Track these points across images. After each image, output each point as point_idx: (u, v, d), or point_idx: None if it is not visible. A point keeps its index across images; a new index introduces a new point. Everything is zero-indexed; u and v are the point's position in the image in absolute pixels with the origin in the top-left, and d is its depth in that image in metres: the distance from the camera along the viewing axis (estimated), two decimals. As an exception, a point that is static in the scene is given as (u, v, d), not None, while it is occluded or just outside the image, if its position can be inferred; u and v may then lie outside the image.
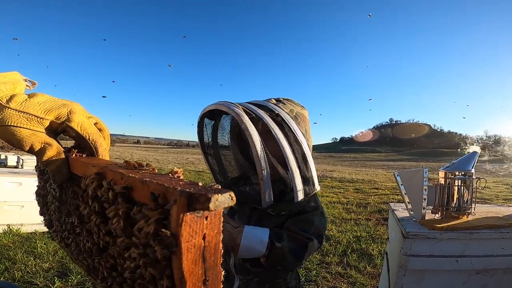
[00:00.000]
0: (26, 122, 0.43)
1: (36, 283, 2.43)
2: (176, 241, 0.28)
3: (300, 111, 1.06)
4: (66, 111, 0.46)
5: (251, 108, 0.93)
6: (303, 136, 0.98)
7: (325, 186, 9.13)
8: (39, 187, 0.64)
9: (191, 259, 0.29)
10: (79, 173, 0.47)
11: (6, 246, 3.14)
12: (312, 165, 0.99)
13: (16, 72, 0.48)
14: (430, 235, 1.27)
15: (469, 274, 1.32)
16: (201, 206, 0.27)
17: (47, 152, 0.46)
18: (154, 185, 0.32)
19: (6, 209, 3.59)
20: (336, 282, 2.75)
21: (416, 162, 40.45)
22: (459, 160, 1.48)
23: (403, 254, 1.30)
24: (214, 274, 0.33)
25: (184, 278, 0.29)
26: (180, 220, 0.27)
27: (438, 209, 1.45)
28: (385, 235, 4.01)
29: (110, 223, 0.39)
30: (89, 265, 0.52)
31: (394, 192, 7.64)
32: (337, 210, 5.68)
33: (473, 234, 1.27)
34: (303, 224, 0.98)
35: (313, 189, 0.98)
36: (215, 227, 0.31)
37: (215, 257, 0.32)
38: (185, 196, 0.27)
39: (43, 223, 0.68)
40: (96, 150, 0.49)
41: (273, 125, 0.91)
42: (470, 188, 1.42)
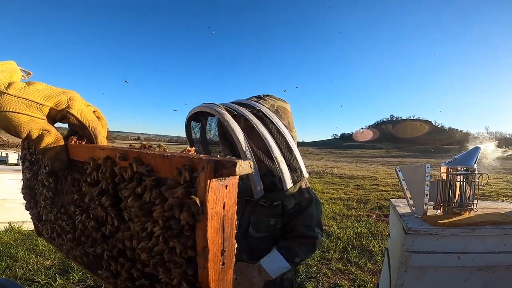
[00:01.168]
0: (25, 108, 0.42)
1: (37, 280, 2.44)
2: (203, 208, 0.30)
3: (281, 105, 1.11)
4: (66, 98, 0.46)
5: (232, 107, 0.99)
6: (285, 128, 1.04)
7: (326, 182, 9.14)
8: (27, 179, 0.63)
9: (214, 227, 0.31)
10: (82, 159, 0.46)
11: (8, 244, 3.15)
12: (298, 154, 1.04)
13: (12, 61, 0.47)
14: (432, 231, 1.26)
15: (471, 270, 1.32)
16: (228, 171, 0.29)
17: (45, 139, 0.45)
18: (177, 158, 0.33)
19: (7, 206, 3.60)
20: (336, 278, 2.75)
21: (416, 159, 40.46)
22: (461, 156, 1.47)
23: (405, 251, 1.29)
24: (230, 246, 0.34)
25: (207, 247, 0.31)
26: (207, 186, 0.29)
27: (440, 205, 1.44)
28: (385, 232, 4.01)
29: (125, 204, 0.39)
30: (88, 256, 0.51)
31: (394, 188, 7.65)
32: (338, 207, 5.68)
33: (475, 230, 1.26)
34: (307, 220, 1.08)
35: (301, 177, 1.04)
36: (232, 197, 0.33)
37: (231, 228, 0.34)
38: (212, 163, 0.29)
39: (31, 217, 0.67)
40: (96, 137, 0.48)
41: (255, 119, 0.97)
42: (472, 184, 1.41)
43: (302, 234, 1.07)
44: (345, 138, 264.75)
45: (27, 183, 0.63)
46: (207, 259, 0.31)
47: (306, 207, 1.09)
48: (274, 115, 1.03)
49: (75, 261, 0.56)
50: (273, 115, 1.03)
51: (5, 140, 27.38)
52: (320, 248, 3.44)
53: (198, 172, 0.30)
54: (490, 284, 1.33)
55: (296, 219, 1.08)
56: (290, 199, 1.06)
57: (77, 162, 0.48)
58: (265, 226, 1.07)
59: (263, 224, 1.07)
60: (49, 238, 0.61)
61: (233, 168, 0.29)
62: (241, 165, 0.30)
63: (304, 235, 1.07)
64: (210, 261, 0.32)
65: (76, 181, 0.48)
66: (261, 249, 1.08)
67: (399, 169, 1.50)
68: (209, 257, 0.31)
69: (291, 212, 1.08)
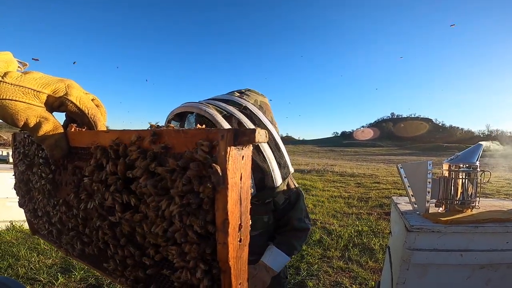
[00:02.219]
0: (22, 95, 0.42)
1: (39, 279, 2.45)
2: (224, 177, 0.30)
3: (262, 100, 1.10)
4: (64, 86, 0.45)
5: (221, 106, 0.97)
6: (271, 124, 1.04)
7: (326, 180, 9.13)
8: (21, 172, 0.61)
9: (234, 199, 0.31)
10: (84, 145, 0.46)
11: (9, 243, 3.16)
12: (284, 150, 1.06)
13: (8, 52, 0.47)
14: (434, 228, 1.26)
15: (473, 268, 1.31)
16: (247, 138, 0.29)
17: (43, 127, 0.44)
18: (193, 131, 0.33)
19: (8, 205, 3.61)
20: (337, 276, 2.76)
21: (417, 157, 40.41)
22: (464, 153, 1.46)
23: (407, 248, 1.29)
24: (246, 221, 0.34)
25: (227, 220, 0.31)
26: (228, 155, 0.29)
27: (442, 202, 1.44)
28: (386, 230, 4.01)
29: (136, 184, 0.38)
30: (91, 250, 0.50)
31: (395, 186, 7.64)
32: (339, 204, 5.68)
33: (478, 228, 1.25)
34: (298, 214, 1.13)
35: (288, 172, 1.06)
36: (247, 169, 0.33)
37: (247, 202, 0.33)
38: (231, 131, 0.29)
39: (26, 215, 0.65)
40: (96, 124, 0.48)
41: (245, 119, 0.96)
42: (475, 181, 1.40)
43: (297, 228, 1.12)
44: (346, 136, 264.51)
45: (21, 177, 0.62)
46: (227, 233, 0.31)
47: (296, 201, 1.13)
48: (260, 112, 1.02)
49: (74, 256, 0.54)
50: (259, 111, 1.02)
51: (6, 139, 27.41)
52: (320, 246, 3.45)
53: (217, 141, 0.30)
54: (492, 282, 1.32)
55: (288, 214, 1.12)
56: (280, 195, 1.09)
57: (78, 149, 0.48)
58: (260, 224, 1.09)
59: (258, 222, 1.09)
60: (46, 234, 0.60)
61: (253, 135, 0.29)
62: (259, 133, 0.30)
63: (298, 228, 1.12)
64: (230, 236, 0.31)
65: (78, 169, 0.48)
66: (257, 245, 1.10)
67: (401, 167, 1.49)
68: (229, 231, 0.31)
69: (282, 208, 1.11)
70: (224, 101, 1.00)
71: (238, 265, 0.33)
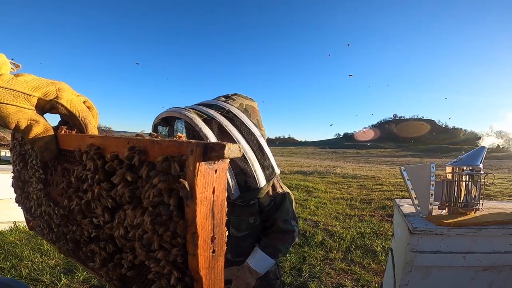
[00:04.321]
0: (12, 98, 0.43)
1: (42, 280, 2.46)
2: (192, 192, 0.30)
3: (249, 104, 1.12)
4: (54, 89, 0.46)
5: (202, 110, 0.99)
6: (255, 127, 1.05)
7: (329, 182, 9.12)
8: (18, 171, 0.63)
9: (204, 213, 0.31)
10: (72, 148, 0.46)
11: (13, 243, 3.17)
12: (268, 152, 1.06)
13: (1, 54, 0.48)
14: (438, 231, 1.26)
15: (476, 270, 1.31)
16: (217, 154, 0.29)
17: (34, 129, 0.45)
18: (167, 143, 0.33)
19: (12, 206, 3.62)
20: (340, 278, 2.75)
21: (420, 158, 40.22)
22: (467, 155, 1.46)
23: (410, 250, 1.28)
24: (220, 233, 0.34)
25: (196, 233, 0.31)
26: (196, 170, 0.29)
27: (445, 204, 1.43)
28: (389, 232, 3.99)
29: (115, 191, 0.39)
30: (79, 248, 0.51)
31: (398, 188, 7.61)
32: (341, 206, 5.67)
33: (481, 230, 1.25)
34: (284, 215, 1.13)
35: (273, 174, 1.06)
36: (222, 182, 0.32)
37: (221, 215, 0.34)
38: (201, 146, 0.29)
39: (22, 211, 0.67)
40: (86, 127, 0.48)
41: (226, 121, 0.98)
42: (478, 184, 1.40)
43: (282, 230, 1.12)
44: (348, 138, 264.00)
45: (18, 175, 0.64)
46: (196, 245, 0.31)
47: (281, 203, 1.13)
48: (243, 115, 1.04)
49: (66, 254, 0.56)
50: (243, 114, 1.04)
51: (9, 140, 27.59)
52: (323, 248, 3.44)
53: (187, 156, 0.30)
54: (495, 284, 1.32)
55: (274, 215, 1.12)
56: (265, 196, 1.09)
57: (67, 152, 0.48)
58: (246, 225, 1.11)
59: (243, 224, 1.10)
60: (40, 231, 0.61)
61: (222, 151, 0.29)
62: (230, 148, 0.29)
63: (283, 230, 1.12)
64: (200, 247, 0.31)
65: (66, 171, 0.48)
66: (244, 247, 1.13)
67: (404, 169, 1.49)
68: (199, 243, 0.31)
69: (268, 209, 1.12)
70: (208, 106, 1.02)
71: (212, 275, 0.34)
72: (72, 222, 0.49)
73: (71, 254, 0.54)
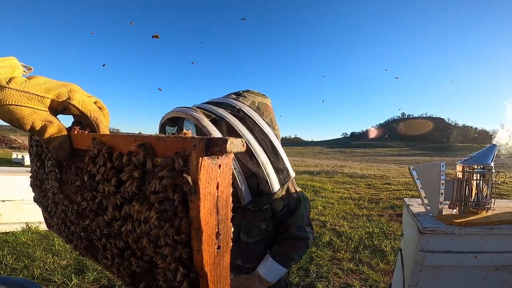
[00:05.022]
0: (26, 100, 0.44)
1: (54, 280, 2.50)
2: (195, 187, 0.30)
3: (262, 101, 1.04)
4: (66, 90, 0.47)
5: (210, 109, 0.92)
6: (268, 127, 0.98)
7: (336, 182, 9.06)
8: (35, 170, 0.65)
9: (208, 208, 0.31)
10: (84, 147, 0.48)
11: (25, 244, 3.23)
12: (283, 154, 0.99)
13: (13, 57, 0.49)
14: (448, 230, 1.24)
15: (487, 270, 1.29)
16: (219, 149, 0.29)
17: (48, 130, 0.46)
18: (171, 139, 0.34)
19: (24, 207, 3.70)
20: (348, 278, 2.73)
21: (429, 157, 39.64)
22: (478, 153, 1.43)
23: (420, 250, 1.27)
24: (225, 229, 0.34)
25: (201, 228, 0.31)
26: (199, 165, 0.29)
27: (456, 204, 1.41)
28: (398, 231, 3.95)
29: (124, 188, 0.39)
30: (93, 246, 0.52)
31: (407, 187, 7.51)
32: (349, 206, 5.63)
33: (493, 229, 1.23)
34: (298, 221, 1.04)
35: (288, 177, 1.00)
36: (226, 178, 0.32)
37: (226, 210, 0.34)
38: (204, 141, 0.29)
39: (41, 210, 0.69)
40: (98, 127, 0.50)
41: (236, 121, 0.91)
42: (489, 182, 1.37)
43: (295, 236, 1.04)
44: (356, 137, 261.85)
45: (35, 175, 0.66)
46: (201, 241, 0.31)
47: (296, 208, 1.05)
48: (255, 114, 0.97)
49: (79, 251, 0.57)
50: (255, 113, 0.97)
51: (20, 142, 28.17)
52: (330, 248, 3.42)
53: (190, 151, 0.30)
54: (507, 284, 1.30)
55: (287, 221, 1.05)
56: (279, 201, 1.02)
57: (80, 151, 0.50)
58: (257, 231, 1.03)
59: (255, 229, 1.03)
60: (57, 229, 0.63)
61: (224, 145, 0.29)
62: (233, 142, 0.29)
63: (297, 237, 1.04)
64: (204, 243, 0.31)
65: (79, 170, 0.50)
66: (254, 253, 1.06)
67: (413, 168, 1.47)
68: (203, 239, 0.31)
69: (281, 214, 1.04)
70: (217, 104, 0.96)
71: (217, 272, 0.34)
72: (86, 219, 0.50)
73: (85, 252, 0.55)
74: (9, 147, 26.67)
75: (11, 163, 12.68)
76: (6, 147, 26.72)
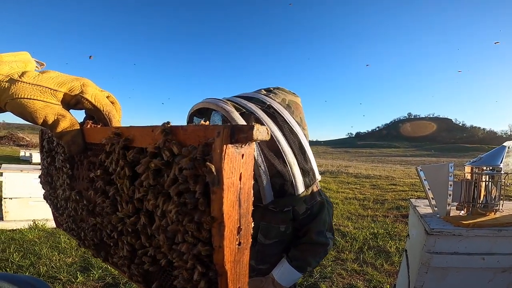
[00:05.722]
0: (39, 94, 0.44)
1: (59, 278, 2.52)
2: (218, 177, 0.28)
3: (292, 99, 1.01)
4: (79, 84, 0.47)
5: (240, 103, 0.89)
6: (298, 126, 0.94)
7: (341, 182, 9.01)
8: (46, 166, 0.64)
9: (231, 200, 0.29)
10: (97, 141, 0.47)
11: (32, 241, 3.27)
12: (311, 155, 0.96)
13: (26, 52, 0.49)
14: (456, 232, 1.23)
15: (495, 272, 1.28)
16: (245, 135, 0.27)
17: (61, 123, 0.46)
18: (192, 128, 0.32)
19: (31, 204, 3.74)
20: (351, 279, 2.71)
21: (436, 158, 39.25)
22: (487, 155, 1.41)
23: (426, 252, 1.26)
24: (247, 224, 0.32)
25: (223, 223, 0.29)
26: (223, 153, 0.27)
27: (464, 205, 1.39)
28: (403, 232, 3.91)
29: (139, 181, 0.38)
30: (103, 244, 0.51)
31: (413, 188, 7.44)
32: (353, 206, 5.59)
33: (501, 231, 1.22)
34: (319, 226, 1.00)
35: (313, 180, 0.96)
36: (249, 169, 0.31)
37: (248, 204, 0.32)
38: (228, 127, 0.28)
39: (50, 207, 0.67)
40: (110, 121, 0.49)
41: (266, 118, 0.88)
42: (498, 184, 1.35)
43: (315, 241, 1.00)
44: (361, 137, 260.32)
45: (45, 171, 0.65)
46: (222, 236, 0.29)
47: (319, 212, 1.01)
48: (286, 112, 0.94)
49: (89, 249, 0.56)
50: (285, 111, 0.94)
51: (28, 140, 28.58)
52: (334, 248, 3.40)
53: (213, 138, 0.28)
54: (514, 286, 1.28)
55: (309, 225, 1.01)
56: (302, 204, 0.97)
57: (93, 145, 0.49)
58: (275, 233, 0.99)
59: (273, 231, 0.99)
60: (67, 227, 0.62)
61: (251, 131, 0.27)
62: (258, 129, 0.28)
63: (316, 242, 1.00)
64: (226, 239, 0.29)
65: (92, 165, 0.49)
66: (270, 255, 1.02)
67: (421, 169, 1.45)
68: (225, 234, 0.29)
69: (302, 218, 1.00)
70: (248, 99, 0.93)
71: (236, 269, 0.32)
72: (97, 216, 0.49)
73: (95, 250, 0.54)
74: (17, 144, 27.07)
75: (19, 160, 12.87)
76: (14, 144, 27.13)
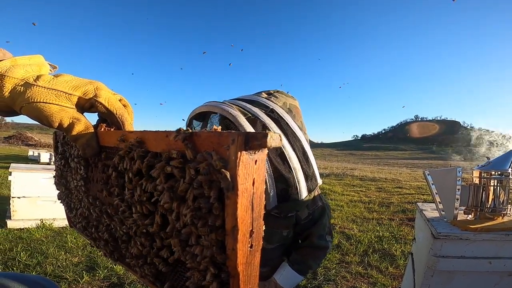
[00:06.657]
0: (55, 98, 0.44)
1: (65, 277, 2.54)
2: (233, 182, 0.29)
3: (292, 103, 1.00)
4: (93, 88, 0.48)
5: (245, 107, 0.88)
6: (300, 130, 0.93)
7: (346, 185, 8.96)
8: (60, 168, 0.65)
9: (244, 205, 0.30)
10: (112, 144, 0.48)
11: (39, 240, 3.31)
12: (313, 160, 0.95)
13: (40, 55, 0.50)
14: (463, 236, 1.22)
15: (501, 275, 1.27)
16: (259, 143, 0.28)
17: (76, 127, 0.47)
18: (206, 134, 0.33)
19: (39, 204, 3.79)
20: (356, 282, 2.69)
21: (443, 161, 38.77)
22: (495, 159, 1.40)
23: (432, 255, 1.25)
24: (258, 227, 0.33)
25: (237, 227, 0.30)
26: (238, 160, 0.28)
27: (472, 209, 1.38)
28: (409, 236, 3.87)
29: (154, 185, 0.38)
30: (117, 245, 0.52)
31: (419, 191, 7.36)
32: (358, 209, 5.55)
33: (509, 235, 1.21)
34: (320, 231, 1.03)
35: (315, 184, 0.95)
36: (261, 174, 0.32)
37: (260, 208, 0.33)
38: (242, 135, 0.28)
39: (64, 208, 0.68)
40: (123, 124, 0.50)
41: (271, 123, 0.87)
42: (507, 189, 1.34)
43: (316, 245, 1.02)
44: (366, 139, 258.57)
45: (60, 173, 0.66)
46: (236, 239, 0.30)
47: (320, 217, 1.03)
48: (288, 116, 0.93)
49: (101, 250, 0.57)
50: (288, 116, 0.93)
51: (37, 140, 28.98)
52: (339, 251, 3.38)
53: (228, 145, 0.29)
54: (521, 290, 1.27)
55: (310, 229, 1.02)
56: (304, 209, 0.99)
57: (107, 148, 0.50)
58: (278, 237, 1.00)
59: (276, 236, 0.99)
60: (80, 228, 0.63)
61: (264, 139, 0.28)
62: (272, 137, 0.29)
63: (317, 246, 1.02)
64: (239, 242, 0.30)
65: (106, 167, 0.50)
66: (271, 258, 1.04)
67: (428, 173, 1.44)
68: (239, 237, 0.30)
69: (304, 222, 1.01)
70: (250, 102, 0.92)
71: (248, 271, 0.33)
72: (111, 218, 0.50)
73: (107, 251, 0.55)
74: (26, 144, 27.45)
75: (27, 160, 13.05)
76: (22, 144, 27.52)
